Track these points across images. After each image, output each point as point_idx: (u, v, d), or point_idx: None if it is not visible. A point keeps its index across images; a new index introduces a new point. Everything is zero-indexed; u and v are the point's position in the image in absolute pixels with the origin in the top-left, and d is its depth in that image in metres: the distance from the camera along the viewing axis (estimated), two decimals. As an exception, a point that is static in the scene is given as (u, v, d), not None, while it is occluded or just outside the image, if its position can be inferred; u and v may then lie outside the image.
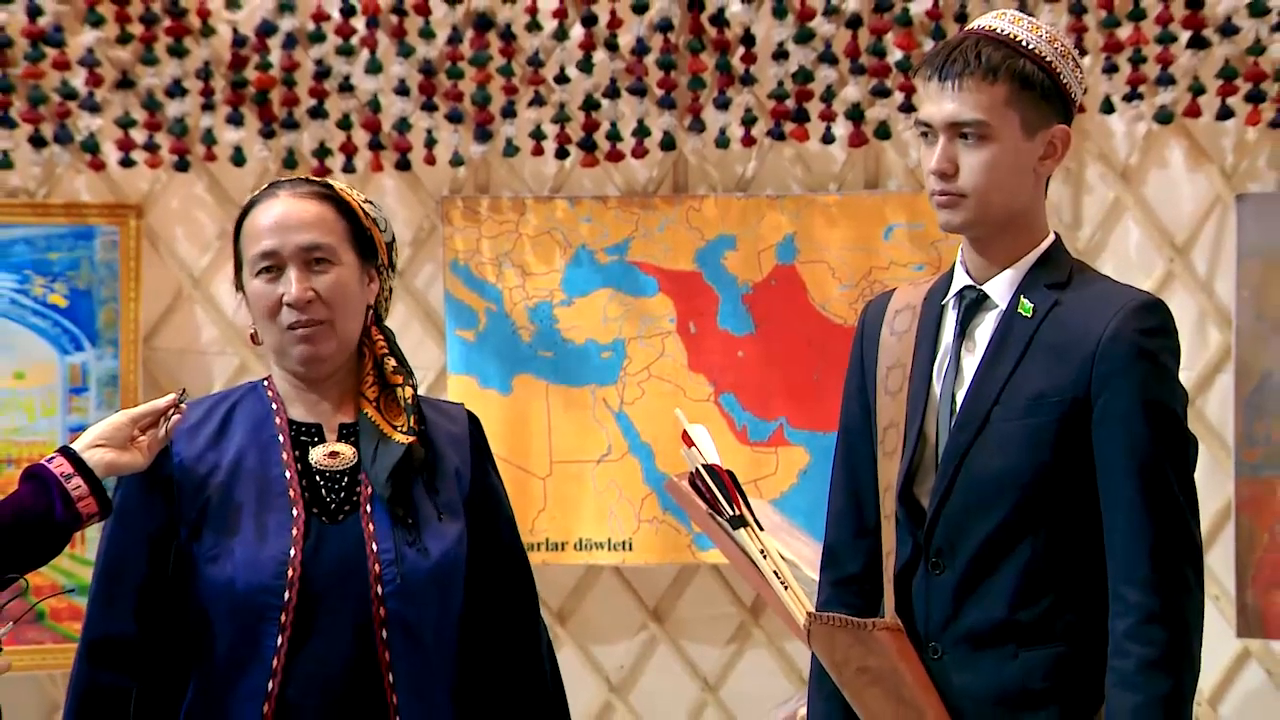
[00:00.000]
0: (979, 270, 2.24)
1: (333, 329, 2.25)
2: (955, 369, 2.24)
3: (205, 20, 4.10)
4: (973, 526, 2.17)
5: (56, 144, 4.12)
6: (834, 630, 2.25)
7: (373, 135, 4.12)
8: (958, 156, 2.18)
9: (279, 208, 2.28)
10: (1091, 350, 2.14)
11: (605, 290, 4.19)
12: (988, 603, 2.17)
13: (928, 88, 2.22)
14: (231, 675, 2.20)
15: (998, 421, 2.17)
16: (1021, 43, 2.18)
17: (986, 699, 2.16)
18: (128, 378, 4.18)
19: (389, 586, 2.20)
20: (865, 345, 2.35)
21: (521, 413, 4.14)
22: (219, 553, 2.20)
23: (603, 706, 4.21)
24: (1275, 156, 4.03)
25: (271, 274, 2.25)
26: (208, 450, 2.26)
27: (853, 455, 2.33)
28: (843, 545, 2.34)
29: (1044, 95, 2.18)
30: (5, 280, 4.16)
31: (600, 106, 4.10)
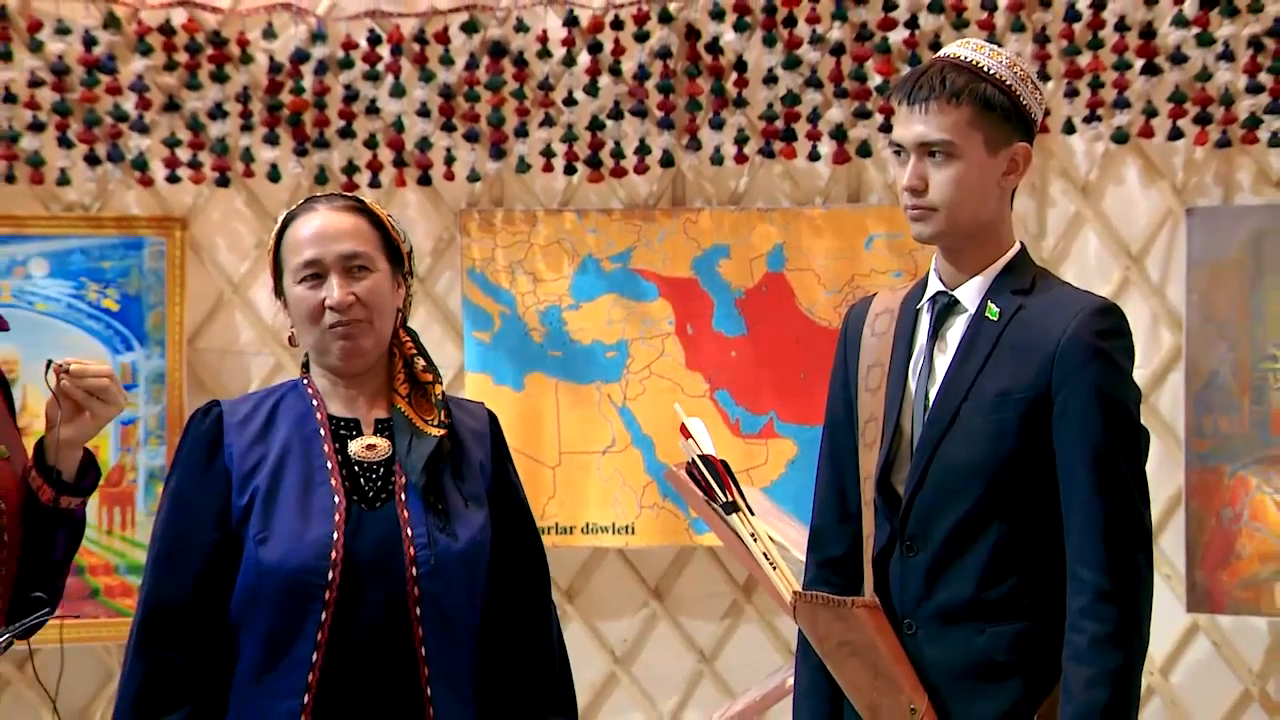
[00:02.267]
0: (950, 277, 2.24)
1: (370, 328, 2.25)
2: (929, 368, 2.24)
3: (244, 49, 4.12)
4: (943, 512, 2.17)
5: (109, 162, 4.12)
6: (817, 607, 2.25)
7: (397, 153, 4.14)
8: (927, 173, 2.19)
9: (319, 220, 2.30)
10: (1052, 350, 2.14)
11: (610, 295, 4.20)
12: (957, 583, 2.17)
13: (898, 111, 2.23)
14: (279, 647, 2.19)
15: (966, 416, 2.18)
16: (983, 68, 2.18)
17: (956, 671, 2.17)
18: (173, 376, 4.18)
19: (423, 568, 2.20)
20: (848, 346, 2.34)
21: (533, 408, 4.15)
22: (268, 535, 2.20)
23: (607, 677, 4.22)
24: (1221, 174, 4.06)
25: (314, 281, 2.26)
26: (255, 443, 2.26)
27: (836, 447, 2.34)
28: (827, 529, 2.34)
29: (1005, 116, 2.18)
30: (63, 286, 4.16)
31: (605, 127, 4.12)
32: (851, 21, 4.04)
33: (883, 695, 2.19)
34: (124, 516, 4.18)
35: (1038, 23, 4.00)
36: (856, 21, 4.05)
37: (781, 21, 4.06)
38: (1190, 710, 4.08)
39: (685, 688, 4.27)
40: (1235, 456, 3.88)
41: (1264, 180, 4.03)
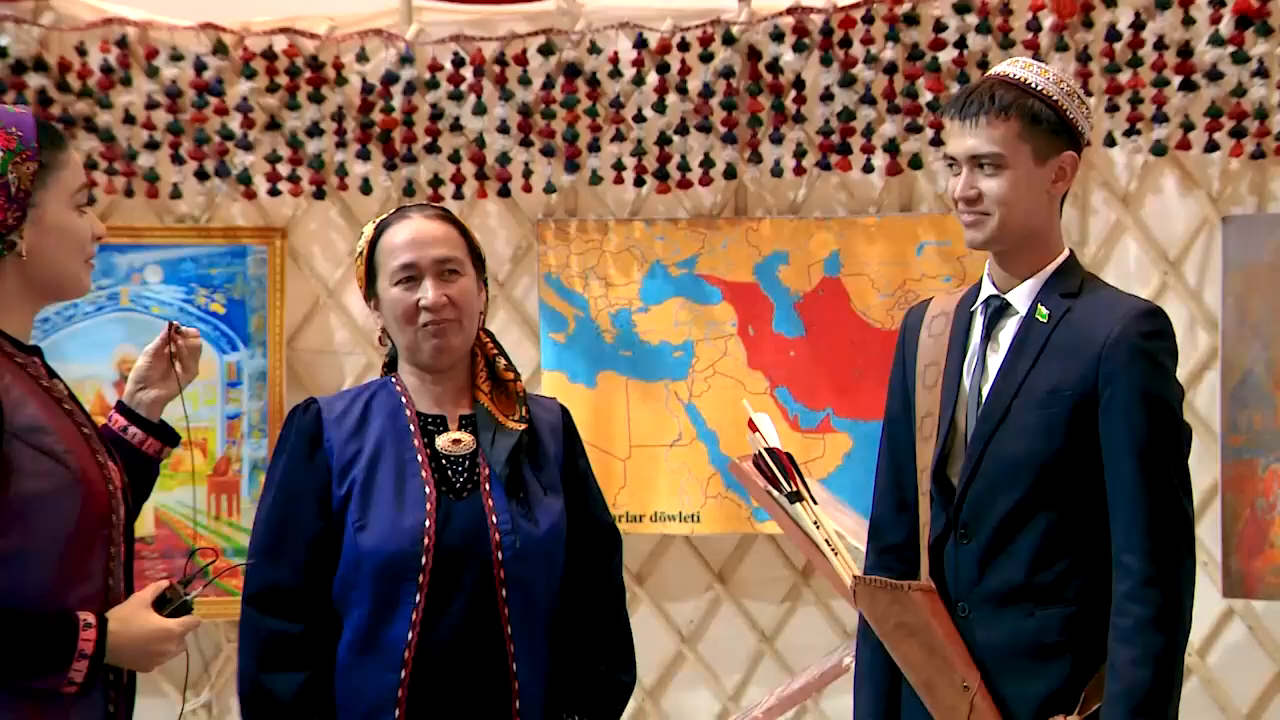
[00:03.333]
0: (1002, 281, 2.24)
1: (460, 327, 2.28)
2: (982, 367, 2.24)
3: (339, 71, 4.15)
4: (995, 502, 2.17)
5: (217, 177, 4.16)
6: (875, 591, 2.26)
7: (479, 167, 4.15)
8: (979, 184, 2.20)
9: (414, 227, 2.31)
10: (1099, 350, 2.14)
11: (676, 299, 4.20)
12: (1008, 568, 2.17)
13: (951, 126, 2.24)
14: (377, 626, 2.22)
15: (1017, 412, 2.17)
16: (1031, 85, 2.19)
17: (1007, 651, 2.17)
18: (274, 373, 4.21)
19: (507, 553, 2.22)
20: (906, 346, 2.35)
21: (605, 404, 4.16)
22: (366, 523, 2.22)
23: (675, 655, 4.24)
24: (1255, 183, 4.01)
25: (409, 283, 2.27)
26: (352, 437, 2.28)
27: (895, 441, 2.34)
28: (886, 518, 2.34)
29: (1051, 129, 2.19)
30: (175, 291, 4.19)
31: (672, 141, 4.12)
32: (903, 42, 4.03)
33: (937, 673, 2.19)
34: (230, 503, 4.21)
35: (1080, 42, 3.95)
36: (908, 42, 4.03)
37: (838, 42, 4.05)
38: (1226, 690, 4.04)
39: (748, 666, 4.27)
40: (1269, 450, 3.84)
41: None
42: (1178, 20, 3.92)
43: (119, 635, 1.92)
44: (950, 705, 2.17)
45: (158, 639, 1.96)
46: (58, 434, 1.95)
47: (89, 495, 1.95)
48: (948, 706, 2.18)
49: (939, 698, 2.19)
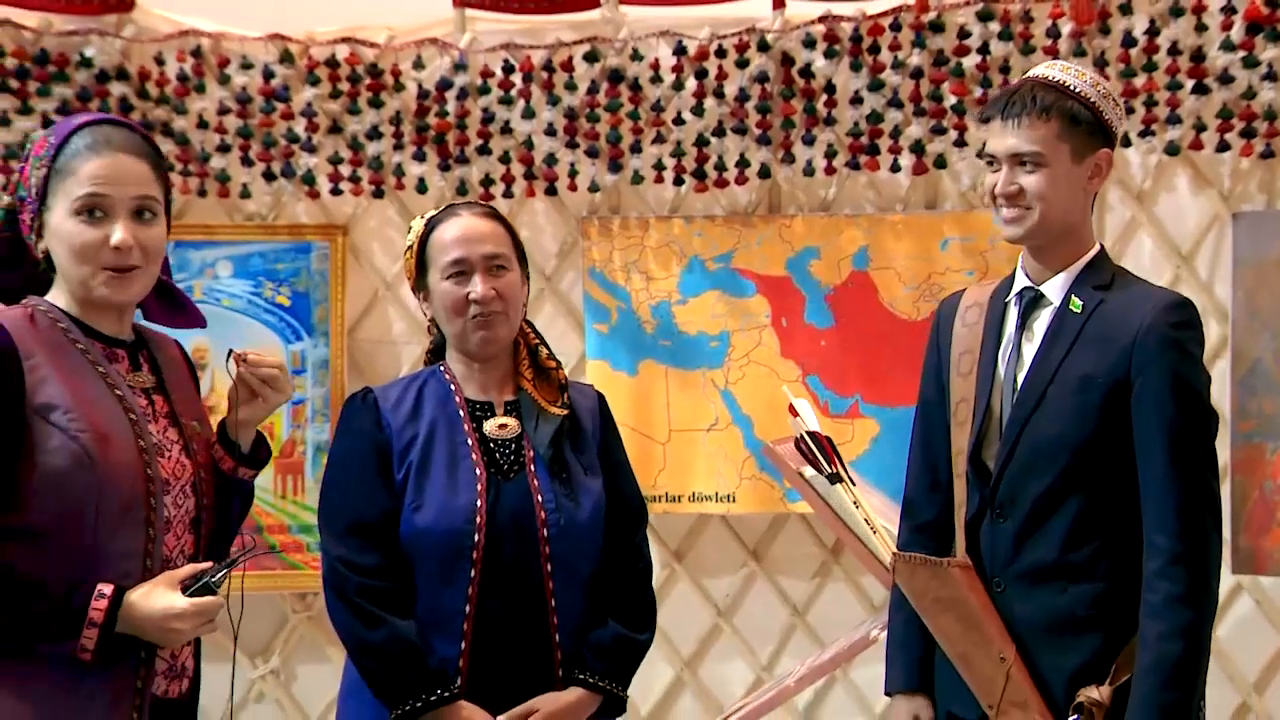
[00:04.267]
0: (1037, 273, 2.23)
1: (506, 319, 2.30)
2: (1016, 355, 2.22)
3: (397, 78, 4.16)
4: (1030, 484, 2.16)
5: (283, 178, 4.18)
6: (915, 566, 2.25)
7: (527, 168, 4.17)
8: (1019, 180, 2.18)
9: (463, 225, 2.32)
10: (1131, 340, 2.13)
11: (713, 292, 4.19)
12: (1042, 546, 2.16)
13: (992, 126, 2.21)
14: (437, 599, 2.24)
15: (1052, 398, 2.16)
16: (1069, 87, 2.18)
17: (1041, 625, 2.16)
18: (335, 362, 4.23)
19: (552, 530, 2.25)
20: (941, 334, 2.33)
21: (646, 391, 4.17)
22: (422, 503, 2.24)
23: (712, 628, 4.26)
24: (1265, 182, 3.99)
25: (460, 277, 2.28)
26: (408, 423, 2.29)
27: (929, 424, 2.32)
28: (920, 497, 2.33)
29: (1089, 129, 2.18)
30: (244, 285, 4.21)
31: (709, 143, 4.12)
32: (929, 49, 4.02)
33: (974, 646, 2.18)
34: (295, 484, 4.22)
35: (1098, 48, 3.94)
36: (934, 49, 4.02)
37: (867, 49, 4.04)
38: (1235, 661, 4.03)
39: (780, 638, 4.29)
40: (1276, 434, 3.83)
41: None
42: (1190, 26, 3.90)
43: (134, 608, 1.89)
44: (987, 676, 2.16)
45: (167, 615, 1.90)
46: (77, 413, 1.91)
47: (111, 477, 1.92)
48: (984, 677, 2.16)
49: (976, 669, 2.18)
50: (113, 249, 1.94)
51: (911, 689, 2.30)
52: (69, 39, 4.09)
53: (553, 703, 2.24)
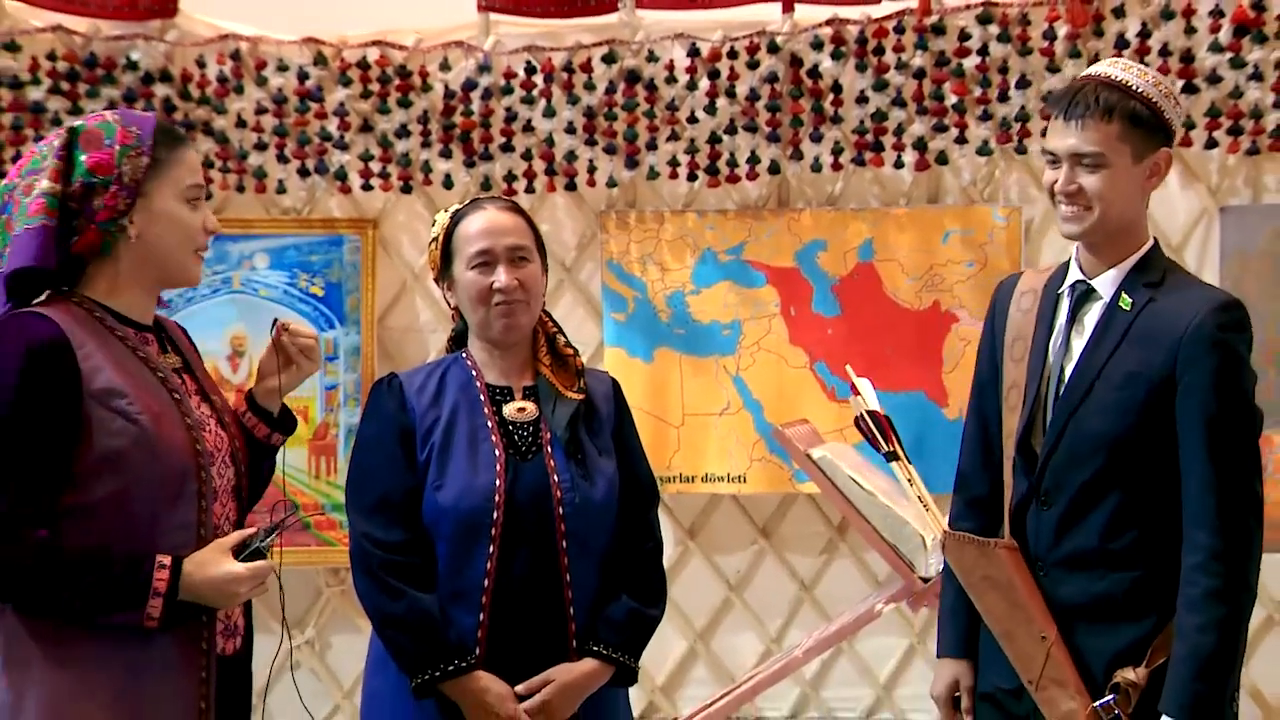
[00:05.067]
0: (1090, 267, 2.19)
1: (527, 308, 2.30)
2: (1065, 347, 2.19)
3: (425, 79, 4.19)
4: (1073, 475, 2.15)
5: (316, 174, 4.21)
6: (964, 545, 2.23)
7: (548, 164, 4.19)
8: (1080, 179, 2.12)
9: (488, 217, 2.32)
10: (1179, 338, 2.08)
11: (725, 282, 4.22)
12: (1083, 534, 2.14)
13: (1054, 124, 2.14)
14: (458, 574, 2.24)
15: (1098, 392, 2.13)
16: (1132, 87, 2.12)
17: (1080, 609, 2.15)
18: (366, 349, 4.28)
19: (568, 508, 2.25)
20: (996, 317, 2.29)
21: (661, 377, 4.20)
22: (443, 483, 2.25)
23: (723, 602, 4.31)
24: (1250, 177, 4.04)
25: (484, 268, 2.29)
26: (431, 407, 2.30)
27: (983, 402, 2.29)
28: (973, 472, 2.30)
29: (1149, 129, 2.13)
30: (280, 276, 4.27)
31: (722, 141, 4.15)
32: (931, 50, 4.05)
33: (1017, 624, 2.17)
34: (328, 464, 4.28)
35: (1092, 50, 3.95)
36: (935, 50, 4.05)
37: (871, 51, 4.07)
38: None
39: (788, 612, 4.32)
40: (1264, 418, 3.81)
41: None
42: (1180, 29, 3.95)
43: (193, 576, 1.93)
44: (1028, 653, 2.15)
45: (227, 581, 1.94)
46: (133, 397, 1.95)
47: (164, 453, 1.96)
48: (1025, 654, 2.16)
49: (1018, 646, 2.17)
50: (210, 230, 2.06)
51: (957, 654, 2.30)
52: (116, 43, 4.14)
53: (567, 673, 2.25)
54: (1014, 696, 2.20)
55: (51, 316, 1.94)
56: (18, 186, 1.99)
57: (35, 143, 2.13)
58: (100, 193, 1.97)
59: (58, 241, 2.00)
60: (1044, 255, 4.08)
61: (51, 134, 2.06)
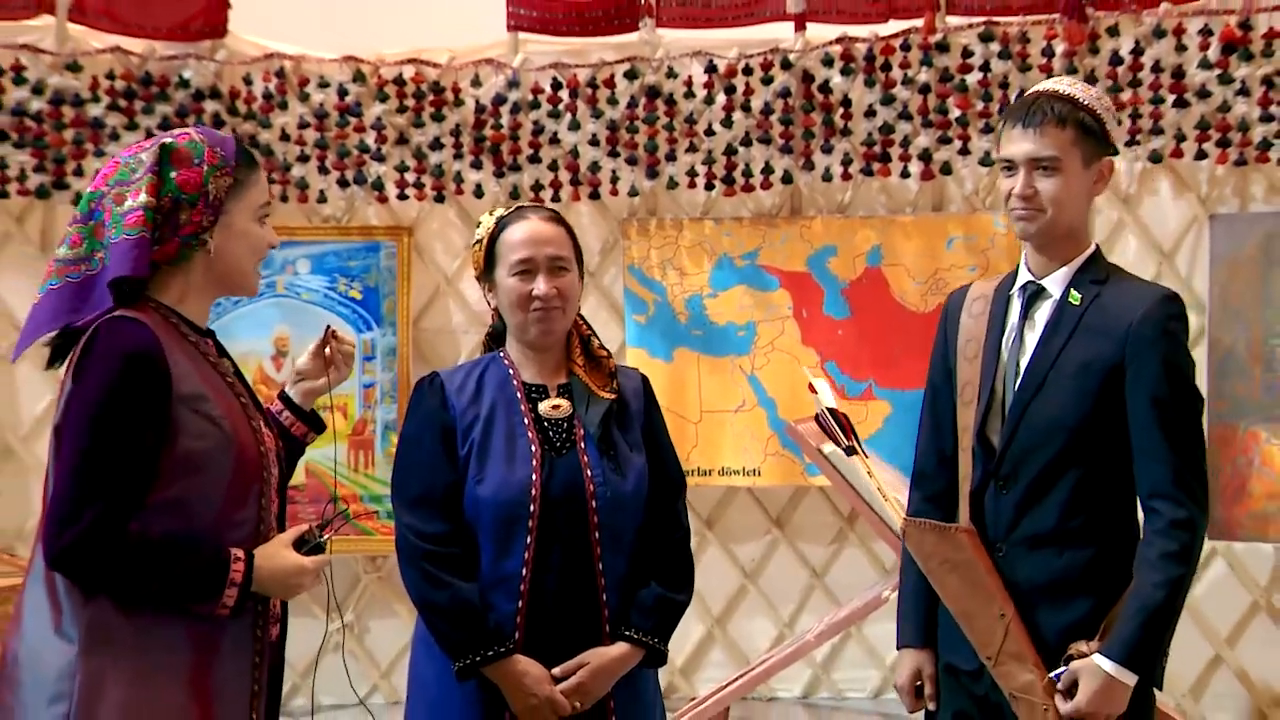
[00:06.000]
0: (1039, 268, 2.24)
1: (563, 314, 2.31)
2: (1020, 343, 2.23)
3: (457, 95, 4.29)
4: (1031, 459, 2.18)
5: (355, 184, 4.30)
6: (924, 531, 2.27)
7: (573, 175, 4.28)
8: (1036, 184, 2.17)
9: (531, 227, 2.32)
10: (1126, 329, 2.14)
11: (740, 286, 4.29)
12: (1041, 515, 2.17)
13: (1011, 133, 2.20)
14: (497, 563, 2.25)
15: (1052, 382, 2.17)
16: (1080, 100, 2.19)
17: (1038, 586, 2.18)
18: (402, 349, 4.32)
19: (600, 502, 2.26)
20: (949, 324, 2.35)
21: (680, 375, 4.26)
22: (483, 477, 2.26)
23: (739, 589, 4.39)
24: (1238, 187, 4.10)
25: (525, 275, 2.29)
26: (470, 405, 2.31)
27: (937, 405, 2.34)
28: (930, 470, 2.35)
29: (1096, 138, 2.19)
30: (321, 280, 4.34)
31: (737, 152, 4.23)
32: (935, 66, 4.13)
33: (977, 604, 2.20)
34: (366, 458, 4.33)
35: (1088, 66, 4.04)
36: (940, 66, 4.14)
37: (879, 67, 4.16)
38: (1210, 618, 4.13)
39: (800, 598, 4.41)
40: (1247, 415, 3.91)
41: (1274, 192, 4.07)
42: (1172, 47, 4.02)
43: (263, 569, 1.96)
44: (987, 631, 2.19)
45: (295, 573, 1.99)
46: (215, 401, 1.98)
47: (241, 454, 1.99)
48: (985, 631, 2.19)
49: (977, 624, 2.20)
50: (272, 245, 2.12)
51: (918, 644, 2.33)
52: (170, 63, 4.23)
53: (601, 656, 2.26)
54: (973, 677, 2.24)
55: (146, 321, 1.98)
56: (106, 195, 2.02)
57: (120, 152, 2.13)
58: (187, 209, 2.01)
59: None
60: (1043, 260, 4.17)
61: (134, 145, 2.10)
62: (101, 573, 1.91)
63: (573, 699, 2.24)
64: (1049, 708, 2.13)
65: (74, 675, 1.90)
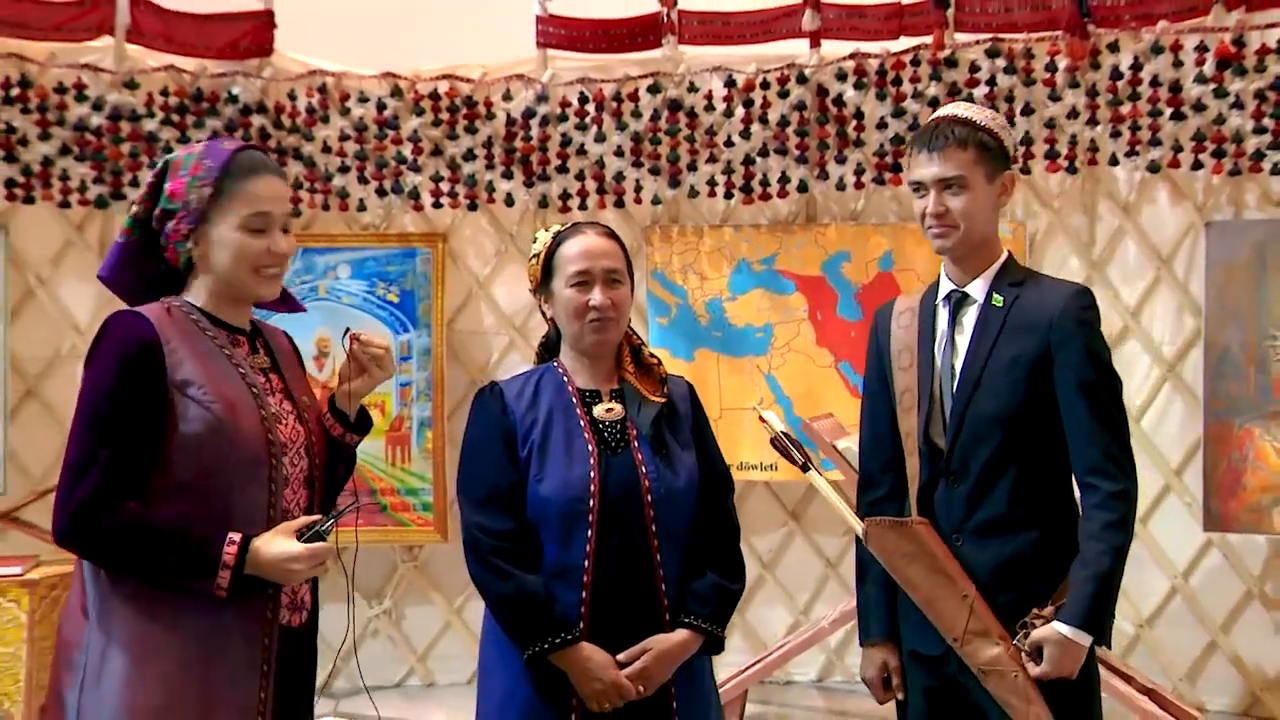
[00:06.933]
0: (959, 278, 2.32)
1: (616, 325, 2.36)
2: (951, 347, 2.30)
3: (489, 108, 4.36)
4: (978, 452, 2.24)
5: (393, 193, 4.36)
6: (884, 529, 2.32)
7: (599, 184, 4.35)
8: (946, 202, 2.26)
9: (588, 241, 2.37)
10: (1048, 323, 2.23)
11: (758, 290, 4.35)
12: (992, 504, 2.24)
13: (918, 158, 2.29)
14: (561, 555, 2.29)
15: (988, 378, 2.24)
16: (977, 121, 2.29)
17: (993, 569, 2.25)
18: (436, 350, 4.38)
19: (655, 496, 2.29)
20: (879, 336, 2.41)
21: (700, 375, 4.27)
22: (544, 476, 2.30)
23: (757, 578, 4.43)
24: (1233, 196, 4.12)
25: (582, 287, 2.34)
26: (529, 410, 2.36)
27: (875, 414, 2.39)
28: (875, 475, 2.40)
29: (995, 154, 2.28)
30: (360, 285, 4.39)
31: (755, 162, 4.29)
32: (944, 80, 4.17)
33: (940, 588, 2.25)
34: (403, 453, 4.38)
35: (1089, 81, 4.07)
36: (948, 81, 4.18)
37: (891, 81, 4.20)
38: (1206, 606, 4.19)
39: (815, 587, 4.47)
40: (1243, 412, 3.95)
41: (1267, 200, 4.11)
42: (1169, 63, 4.05)
43: (258, 553, 1.97)
44: (952, 613, 2.24)
45: (286, 559, 1.98)
46: (209, 388, 2.00)
47: (239, 440, 2.00)
48: (950, 615, 2.24)
49: (942, 609, 2.25)
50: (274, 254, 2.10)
51: (884, 638, 2.37)
52: (219, 79, 4.32)
53: (663, 642, 2.29)
54: (939, 662, 2.29)
55: (147, 315, 2.03)
56: None
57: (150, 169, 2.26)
58: (170, 218, 2.07)
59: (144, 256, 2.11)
60: (1046, 263, 4.19)
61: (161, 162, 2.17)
62: (97, 549, 1.96)
63: (636, 683, 2.27)
64: (1018, 673, 2.20)
65: (86, 649, 1.97)
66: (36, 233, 4.31)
